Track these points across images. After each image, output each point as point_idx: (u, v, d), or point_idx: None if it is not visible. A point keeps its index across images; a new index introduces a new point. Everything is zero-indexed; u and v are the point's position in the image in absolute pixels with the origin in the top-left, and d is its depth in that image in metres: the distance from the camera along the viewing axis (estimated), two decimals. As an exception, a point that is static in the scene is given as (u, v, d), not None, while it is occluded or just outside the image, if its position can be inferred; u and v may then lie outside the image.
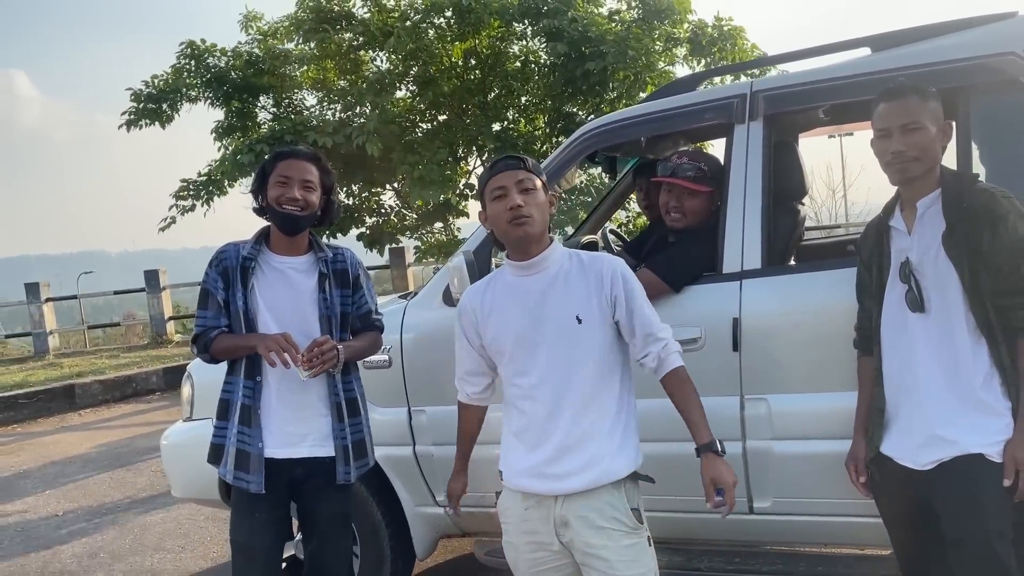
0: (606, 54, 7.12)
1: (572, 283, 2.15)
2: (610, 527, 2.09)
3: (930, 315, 2.13)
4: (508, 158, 2.17)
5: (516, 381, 2.18)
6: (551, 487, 2.12)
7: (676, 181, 2.92)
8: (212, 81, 8.46)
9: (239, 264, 2.55)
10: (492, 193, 2.13)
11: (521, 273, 2.18)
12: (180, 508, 5.28)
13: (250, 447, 2.51)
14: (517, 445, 2.19)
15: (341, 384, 2.61)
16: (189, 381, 3.61)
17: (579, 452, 2.10)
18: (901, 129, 2.11)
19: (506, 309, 2.18)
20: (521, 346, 2.15)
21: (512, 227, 2.10)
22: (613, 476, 2.11)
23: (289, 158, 2.58)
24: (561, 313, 2.13)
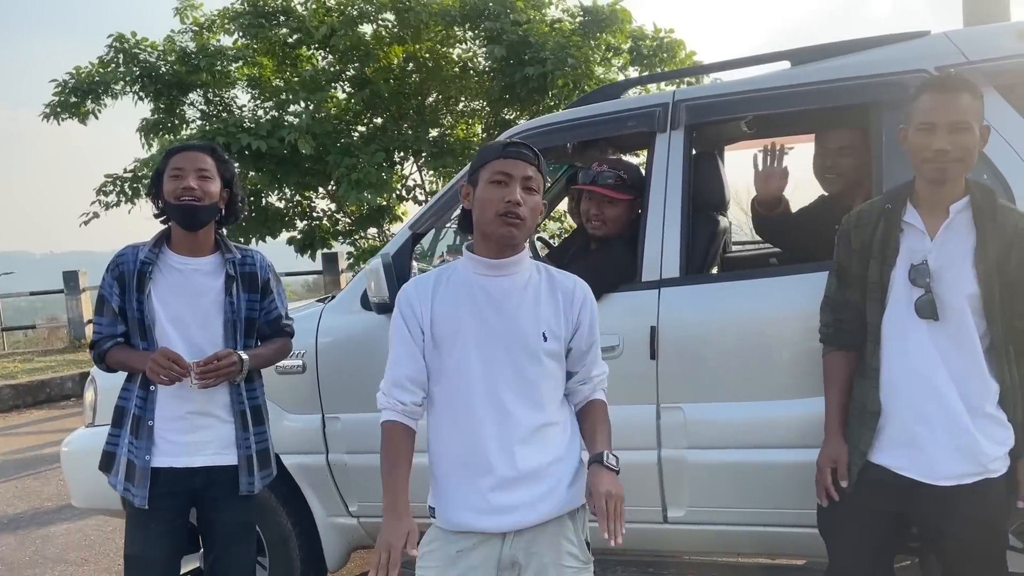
0: (546, 60, 7.12)
1: (541, 296, 1.92)
2: (564, 563, 1.88)
3: (941, 324, 2.04)
4: (524, 146, 1.90)
5: (460, 397, 1.87)
6: (501, 522, 1.84)
7: (596, 189, 2.91)
8: (141, 76, 8.18)
9: (136, 268, 2.43)
10: (494, 175, 1.84)
11: (486, 272, 1.89)
12: (87, 519, 5.04)
13: (136, 459, 2.40)
14: (455, 475, 1.87)
15: (245, 392, 2.50)
16: (92, 385, 3.44)
17: (535, 481, 1.85)
18: (949, 127, 1.97)
19: (460, 309, 1.88)
20: (474, 356, 1.86)
21: (501, 222, 1.83)
22: (571, 505, 1.90)
23: (182, 151, 2.48)
24: (527, 326, 1.88)
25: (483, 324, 1.87)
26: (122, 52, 8.33)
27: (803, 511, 2.46)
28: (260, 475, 2.52)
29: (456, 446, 1.88)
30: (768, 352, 2.58)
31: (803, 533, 2.52)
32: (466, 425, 1.86)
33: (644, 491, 2.68)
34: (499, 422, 1.85)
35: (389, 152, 7.99)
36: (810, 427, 2.44)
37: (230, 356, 2.38)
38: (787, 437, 2.52)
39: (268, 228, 8.63)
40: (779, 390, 2.55)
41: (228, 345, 2.45)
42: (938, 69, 2.44)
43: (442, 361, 1.89)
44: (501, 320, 1.87)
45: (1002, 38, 2.51)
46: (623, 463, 2.68)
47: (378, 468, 1.88)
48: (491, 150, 1.91)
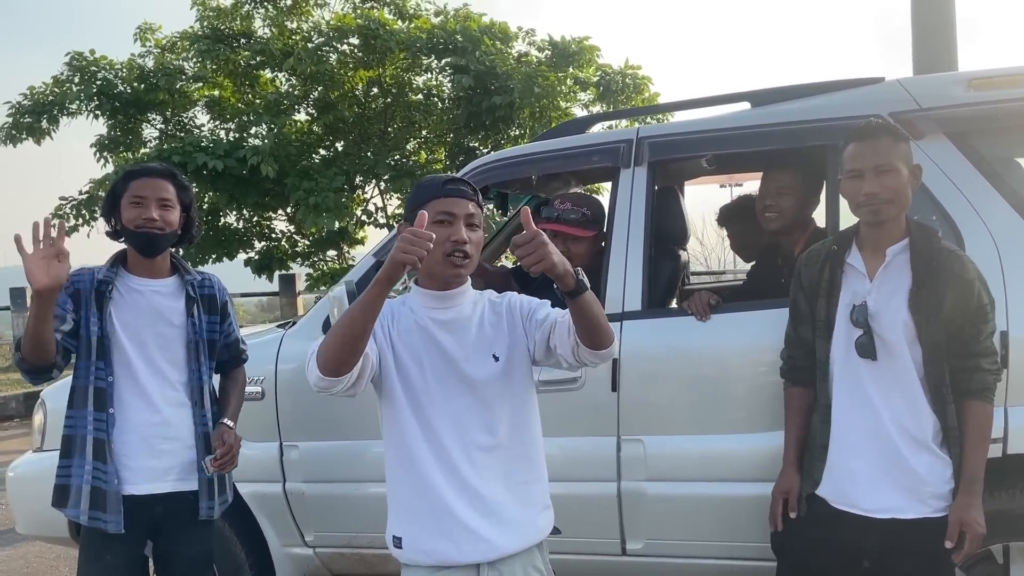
0: (513, 89, 7.19)
1: (486, 320, 1.92)
2: None
3: (881, 363, 2.10)
4: (462, 183, 1.90)
5: (425, 425, 1.85)
6: (478, 552, 1.81)
7: (561, 227, 2.94)
8: (98, 94, 8.04)
9: (93, 288, 2.38)
10: (436, 215, 1.82)
11: (433, 305, 1.90)
12: (30, 545, 4.87)
13: (106, 484, 2.32)
14: (425, 506, 1.84)
15: (209, 415, 2.47)
16: (42, 409, 3.36)
17: (511, 509, 1.85)
18: (874, 170, 2.06)
19: (416, 341, 1.88)
20: (435, 385, 1.86)
21: (449, 263, 1.83)
22: (542, 535, 1.92)
23: (142, 176, 2.42)
24: (478, 350, 1.88)
25: (436, 353, 1.87)
26: (79, 70, 8.19)
27: (760, 544, 2.50)
28: (219, 500, 2.48)
29: (420, 475, 1.84)
30: (728, 386, 2.62)
31: (760, 566, 2.56)
32: (428, 455, 1.84)
33: (603, 523, 2.69)
34: (464, 450, 1.83)
35: (350, 176, 7.97)
36: (768, 461, 2.48)
37: (233, 433, 2.43)
38: (745, 470, 2.56)
39: (225, 248, 8.52)
40: (738, 424, 2.59)
41: (191, 366, 2.42)
42: (892, 115, 2.53)
43: (398, 393, 1.87)
44: (450, 346, 1.87)
45: (953, 86, 2.61)
46: (583, 495, 2.70)
47: (336, 497, 1.85)
48: (430, 188, 1.88)
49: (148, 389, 2.39)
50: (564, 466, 2.71)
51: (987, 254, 2.35)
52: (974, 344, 2.09)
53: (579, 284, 1.69)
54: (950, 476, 2.10)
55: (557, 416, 2.73)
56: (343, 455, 2.93)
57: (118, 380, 2.38)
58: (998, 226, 2.44)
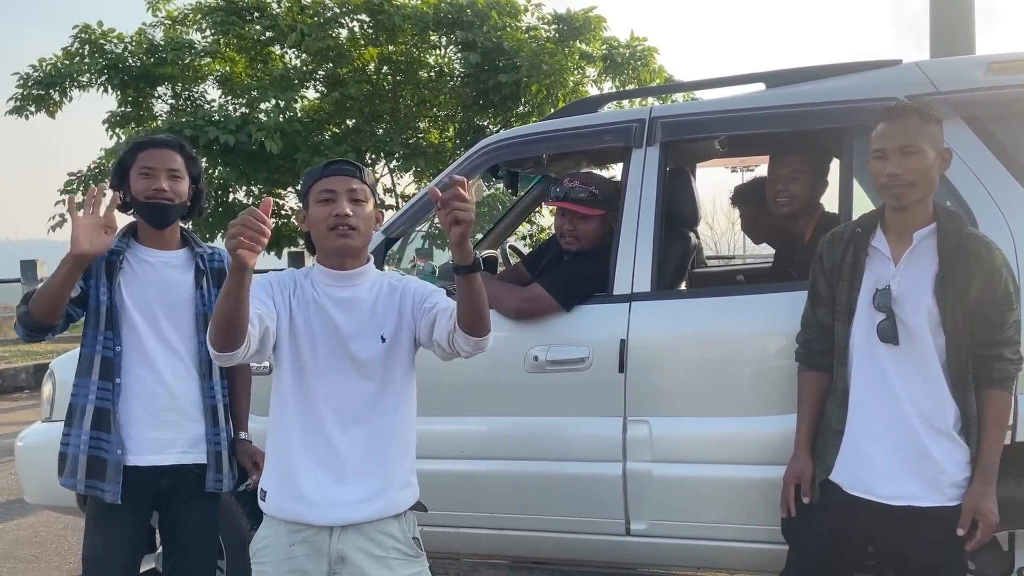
0: (520, 67, 7.13)
1: (380, 302, 2.01)
2: (390, 556, 1.96)
3: (903, 349, 2.08)
4: (344, 163, 2.03)
5: (306, 393, 1.95)
6: (331, 516, 1.91)
7: (568, 206, 2.92)
8: (108, 68, 8.01)
9: (104, 258, 2.38)
10: (319, 195, 1.96)
11: (329, 282, 2.00)
12: (38, 515, 4.93)
13: (107, 454, 2.33)
14: (290, 467, 1.94)
15: (218, 387, 2.47)
16: (51, 379, 3.37)
17: (367, 479, 1.94)
18: (899, 151, 2.04)
19: (311, 314, 1.98)
20: (323, 358, 1.96)
21: (333, 235, 1.94)
22: (398, 508, 1.99)
23: (150, 147, 2.42)
24: (367, 331, 1.98)
25: (328, 329, 1.96)
26: (88, 43, 8.16)
27: (765, 527, 2.51)
28: (228, 473, 2.49)
29: (294, 438, 1.95)
30: (736, 369, 2.61)
31: (764, 549, 2.56)
32: (305, 422, 1.95)
33: (607, 503, 2.70)
34: (337, 422, 1.94)
35: (361, 153, 7.93)
36: (774, 444, 2.49)
37: (258, 451, 2.47)
38: (753, 454, 2.56)
39: (232, 224, 8.52)
40: (745, 407, 2.58)
41: (199, 338, 2.43)
42: (908, 98, 2.49)
43: (286, 357, 1.97)
44: (343, 324, 1.97)
45: (971, 70, 2.58)
46: (589, 475, 2.71)
47: None
48: (313, 173, 2.02)
49: (155, 360, 2.40)
50: (569, 446, 2.73)
51: (1002, 240, 2.32)
52: (999, 332, 2.06)
53: (475, 260, 1.77)
54: (967, 464, 2.08)
55: (564, 396, 2.74)
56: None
57: (126, 350, 2.38)
58: (1014, 212, 2.41)
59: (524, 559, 2.91)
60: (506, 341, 2.54)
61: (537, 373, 2.75)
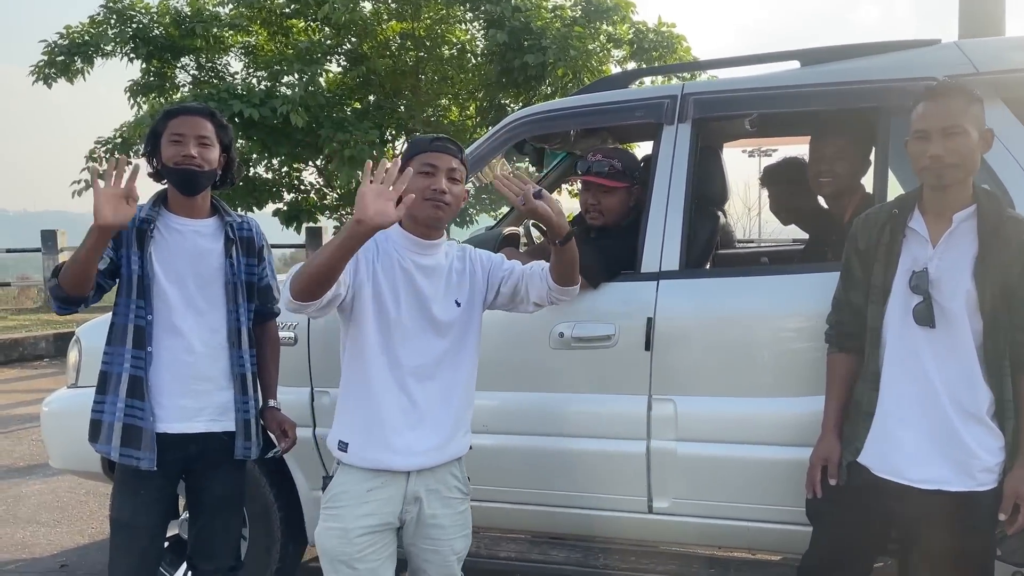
0: (547, 48, 7.06)
1: (454, 270, 2.22)
2: (452, 496, 2.20)
3: (938, 332, 2.04)
4: (449, 142, 2.19)
5: (391, 351, 2.12)
6: (411, 462, 2.12)
7: (591, 178, 2.90)
8: (134, 37, 8.00)
9: (135, 226, 2.38)
10: (421, 167, 2.11)
11: (413, 249, 2.17)
12: (60, 480, 4.99)
13: (142, 422, 2.35)
14: (375, 419, 2.11)
15: (248, 356, 2.48)
16: (77, 346, 3.40)
17: (441, 428, 2.16)
18: (941, 132, 2.00)
19: (396, 278, 2.14)
20: (406, 319, 2.13)
21: (429, 206, 2.11)
22: (462, 452, 2.24)
23: (181, 115, 2.42)
24: (445, 295, 2.18)
25: (411, 292, 2.14)
26: (115, 12, 8.16)
27: (788, 508, 2.50)
28: (256, 441, 2.51)
29: (373, 394, 2.11)
30: (764, 350, 2.59)
31: (786, 530, 2.55)
32: (389, 377, 2.11)
33: (630, 481, 2.69)
34: (417, 377, 2.13)
35: (382, 130, 7.90)
36: (801, 426, 2.47)
37: (288, 420, 2.59)
38: (779, 434, 2.54)
39: (255, 198, 8.53)
40: (772, 388, 2.56)
41: (229, 307, 2.44)
42: (947, 78, 2.45)
43: (370, 318, 2.11)
44: (426, 288, 2.15)
45: (1012, 51, 2.53)
46: (612, 452, 2.71)
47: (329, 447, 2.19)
48: (419, 144, 2.18)
49: (185, 329, 2.40)
50: (593, 423, 2.73)
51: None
52: None
53: (569, 233, 2.08)
54: (1000, 450, 2.05)
55: (589, 373, 2.73)
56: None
57: (157, 319, 2.39)
58: (1054, 196, 2.37)
59: (544, 534, 2.92)
60: (531, 317, 2.52)
61: (562, 349, 2.74)
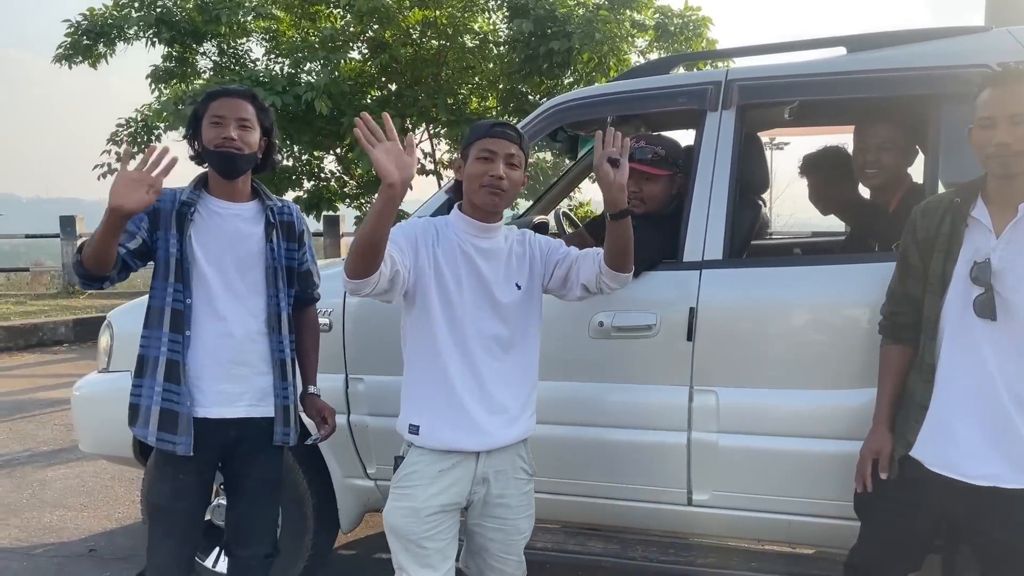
0: (572, 34, 6.96)
1: (514, 253, 2.25)
2: (518, 477, 2.25)
3: (1000, 324, 1.99)
4: (509, 127, 2.19)
5: (458, 334, 2.15)
6: (482, 442, 2.15)
7: (633, 165, 2.84)
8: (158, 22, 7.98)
9: (175, 209, 2.36)
10: (480, 152, 2.15)
11: (473, 232, 2.21)
12: (84, 464, 5.00)
13: (178, 406, 2.32)
14: (447, 401, 2.15)
15: (287, 341, 2.46)
16: (108, 330, 3.39)
17: (510, 409, 2.19)
18: (1009, 119, 1.94)
19: (458, 261, 2.18)
20: (469, 302, 2.16)
21: (486, 193, 2.14)
22: (528, 433, 2.27)
23: (222, 96, 2.39)
24: (506, 278, 2.21)
25: (473, 275, 2.17)
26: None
27: (833, 502, 2.46)
28: (295, 427, 2.49)
29: (443, 376, 2.14)
30: (809, 341, 2.55)
31: (831, 524, 2.52)
32: (458, 361, 2.14)
33: (670, 472, 2.66)
34: (484, 360, 2.16)
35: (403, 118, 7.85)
36: (847, 419, 2.44)
37: (327, 406, 2.59)
38: (823, 428, 2.50)
39: (275, 186, 8.50)
40: (818, 380, 2.52)
41: (269, 292, 2.41)
42: (999, 64, 2.39)
43: (435, 302, 2.14)
44: (486, 271, 2.18)
45: (1070, 38, 2.47)
46: (652, 444, 2.68)
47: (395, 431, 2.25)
48: (480, 129, 2.19)
49: (225, 313, 2.38)
50: (635, 413, 2.69)
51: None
52: None
53: (626, 209, 2.09)
54: None
55: (629, 363, 2.70)
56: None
57: (196, 303, 2.36)
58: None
59: (581, 525, 2.89)
60: (570, 306, 2.50)
61: (602, 339, 2.70)
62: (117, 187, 2.05)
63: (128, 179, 2.06)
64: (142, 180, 2.07)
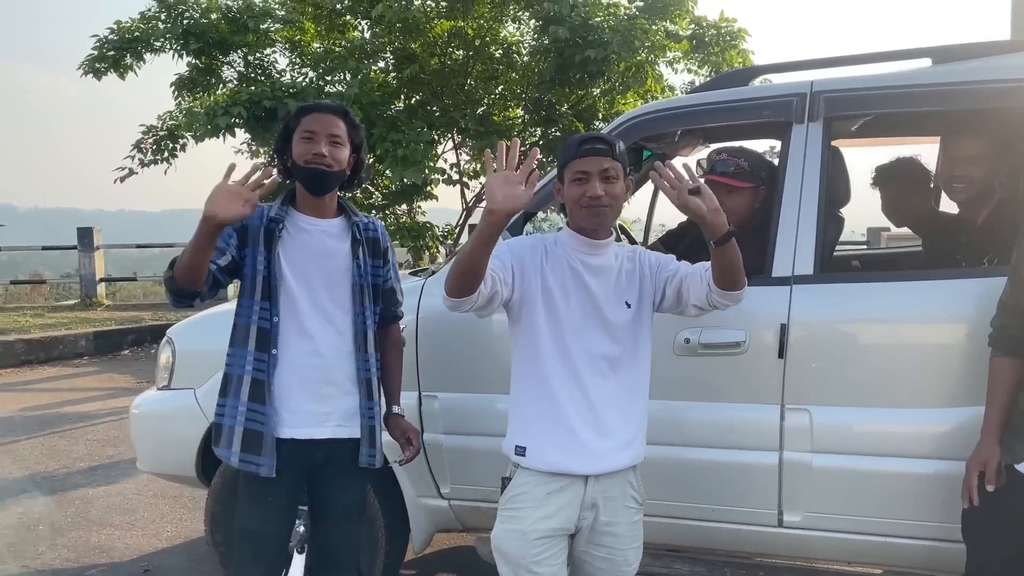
0: (608, 42, 6.89)
1: (624, 270, 2.18)
2: (628, 505, 2.16)
3: None
4: (598, 141, 2.12)
5: (565, 354, 2.10)
6: (592, 465, 2.09)
7: (715, 178, 2.81)
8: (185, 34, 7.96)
9: (263, 225, 2.32)
10: (574, 174, 2.10)
11: (582, 249, 2.15)
12: (124, 481, 4.94)
13: (262, 426, 2.27)
14: (555, 423, 2.09)
15: (373, 360, 2.40)
16: (170, 347, 3.32)
17: (620, 432, 2.12)
18: None
19: (567, 278, 2.13)
20: (577, 320, 2.11)
21: (587, 214, 2.10)
22: (639, 459, 2.18)
23: (314, 112, 2.36)
24: (616, 296, 2.15)
25: (582, 293, 2.11)
26: (167, 8, 8.11)
27: (933, 524, 2.41)
28: (380, 449, 2.43)
29: (550, 395, 2.08)
30: (906, 358, 2.49)
31: (930, 546, 2.46)
32: (566, 381, 2.08)
33: (760, 493, 2.60)
34: (594, 381, 2.09)
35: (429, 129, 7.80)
36: (948, 438, 2.38)
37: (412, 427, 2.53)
38: (922, 447, 2.44)
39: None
40: (916, 398, 2.46)
41: (355, 309, 2.37)
42: None
43: (542, 320, 2.10)
44: (596, 288, 2.12)
45: None
46: (741, 463, 2.61)
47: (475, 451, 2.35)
48: (569, 150, 2.13)
49: (312, 332, 2.34)
50: (723, 432, 2.63)
51: None
52: None
53: (729, 231, 1.99)
54: None
55: (718, 381, 2.64)
56: (485, 408, 2.85)
57: (283, 321, 2.32)
58: None
59: (667, 546, 2.82)
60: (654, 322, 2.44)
61: (688, 356, 2.65)
62: (214, 197, 2.05)
63: (227, 191, 2.06)
64: (240, 194, 2.06)
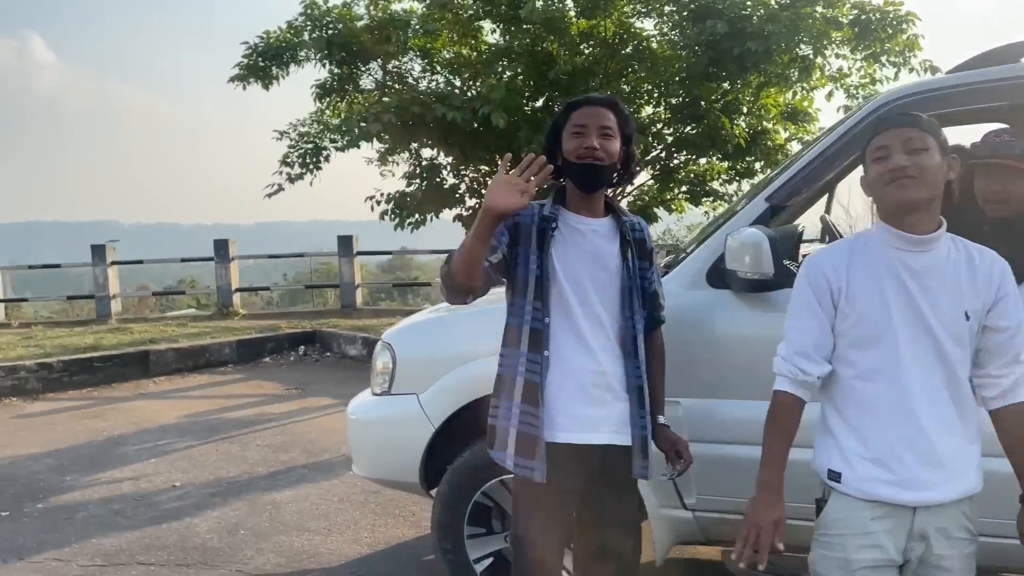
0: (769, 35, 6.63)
1: (962, 273, 1.89)
2: (960, 536, 1.93)
3: None
4: (901, 115, 1.93)
5: (885, 376, 1.88)
6: (921, 497, 1.87)
7: (1001, 160, 2.57)
8: (330, 44, 8.14)
9: (535, 223, 2.25)
10: (874, 153, 1.89)
11: (904, 246, 1.88)
12: (308, 486, 4.99)
13: (535, 430, 2.19)
14: (879, 449, 1.90)
15: (643, 367, 2.29)
16: (388, 352, 3.30)
17: (951, 460, 1.88)
18: None
19: (882, 285, 1.88)
20: (900, 335, 1.86)
21: (890, 188, 1.84)
22: (975, 490, 1.93)
23: (584, 105, 2.28)
24: (951, 305, 1.87)
25: (907, 302, 1.86)
26: (313, 19, 8.31)
27: None
28: (652, 460, 2.30)
29: (878, 422, 1.89)
30: None
31: None
32: (894, 403, 1.87)
33: None
34: (928, 402, 1.86)
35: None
36: None
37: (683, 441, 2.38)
38: None
39: (442, 204, 8.51)
40: None
41: (624, 314, 2.26)
42: None
43: (867, 334, 1.89)
44: (925, 298, 1.86)
45: None
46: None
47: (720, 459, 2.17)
48: (869, 132, 1.94)
49: (585, 334, 2.25)
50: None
51: None
52: None
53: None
54: None
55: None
56: (735, 415, 2.70)
57: (555, 322, 2.23)
58: None
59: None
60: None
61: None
62: (493, 189, 2.03)
63: (504, 182, 2.03)
64: (517, 184, 2.03)
